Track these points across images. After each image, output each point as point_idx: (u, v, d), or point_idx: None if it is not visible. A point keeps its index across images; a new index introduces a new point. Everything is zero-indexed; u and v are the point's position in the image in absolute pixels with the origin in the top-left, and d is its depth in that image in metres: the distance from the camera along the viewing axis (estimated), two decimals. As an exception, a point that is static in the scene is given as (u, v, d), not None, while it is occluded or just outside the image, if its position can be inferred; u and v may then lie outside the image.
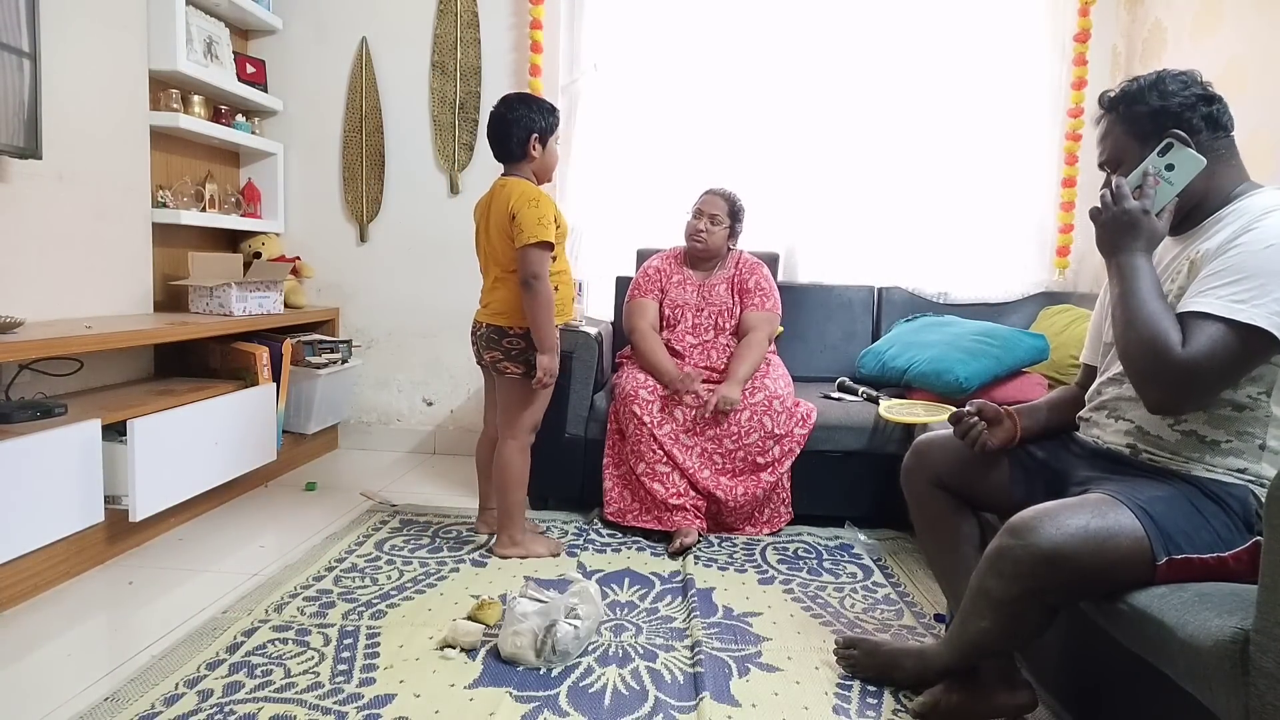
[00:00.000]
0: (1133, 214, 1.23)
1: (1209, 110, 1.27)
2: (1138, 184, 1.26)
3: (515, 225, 2.06)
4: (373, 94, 3.31)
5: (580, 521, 2.51)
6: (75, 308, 2.41)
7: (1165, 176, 1.24)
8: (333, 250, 3.39)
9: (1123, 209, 1.24)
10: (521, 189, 2.09)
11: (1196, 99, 1.27)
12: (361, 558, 2.16)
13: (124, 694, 1.46)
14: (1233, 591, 1.07)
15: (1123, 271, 1.24)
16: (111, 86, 2.52)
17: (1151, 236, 1.24)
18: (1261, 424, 1.21)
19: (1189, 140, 1.24)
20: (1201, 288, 1.18)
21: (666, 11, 3.16)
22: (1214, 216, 1.27)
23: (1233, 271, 1.16)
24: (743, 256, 2.68)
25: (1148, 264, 1.24)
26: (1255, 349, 1.14)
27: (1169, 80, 1.28)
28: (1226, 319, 1.13)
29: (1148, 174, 1.25)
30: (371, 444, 3.44)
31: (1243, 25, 2.42)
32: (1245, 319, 1.12)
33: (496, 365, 2.17)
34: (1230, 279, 1.16)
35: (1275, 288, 1.12)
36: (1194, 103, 1.26)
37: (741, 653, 1.70)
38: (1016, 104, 3.09)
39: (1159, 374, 1.17)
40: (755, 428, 2.36)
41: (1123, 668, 1.29)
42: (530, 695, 1.51)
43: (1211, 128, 1.27)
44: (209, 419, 2.41)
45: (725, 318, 2.59)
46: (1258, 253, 1.15)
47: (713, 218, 2.58)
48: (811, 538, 2.42)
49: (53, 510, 1.91)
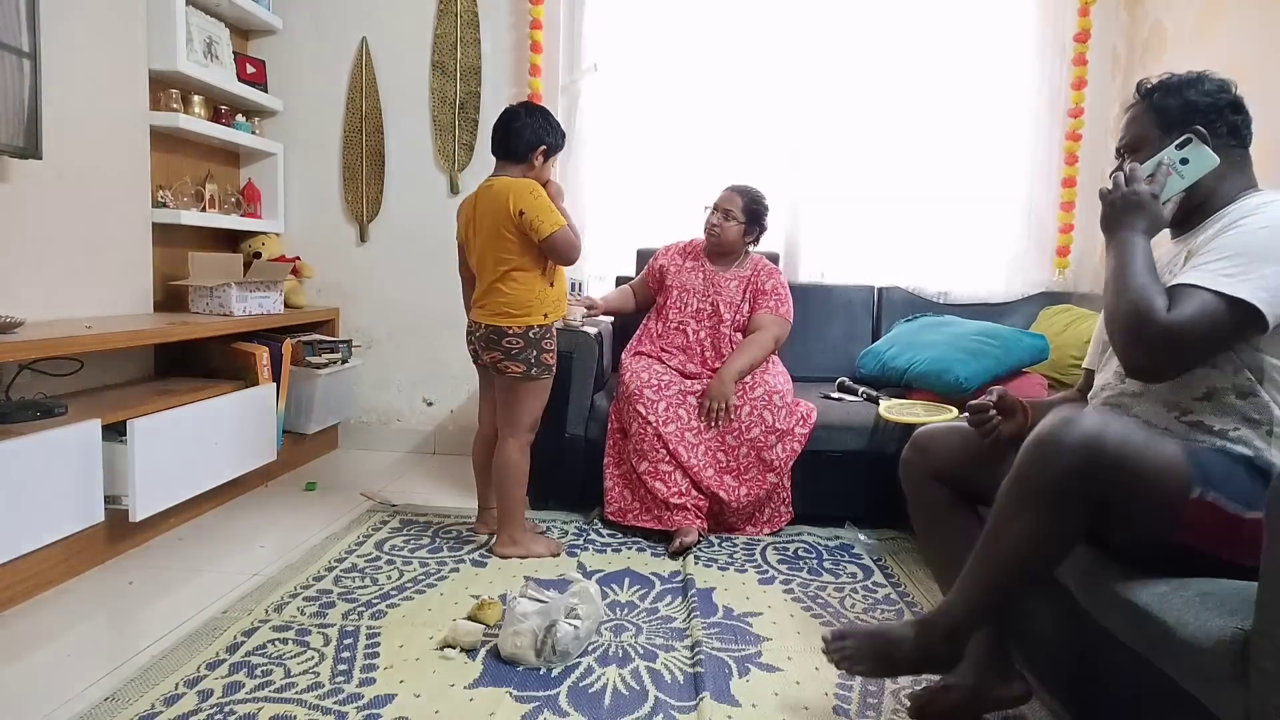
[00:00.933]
0: (1141, 196, 1.27)
1: (1235, 119, 1.31)
2: (1150, 172, 1.29)
3: (527, 222, 2.06)
4: (373, 94, 3.31)
5: (580, 521, 2.51)
6: (75, 308, 2.41)
7: (1178, 169, 1.28)
8: (333, 250, 3.39)
9: (1133, 190, 1.28)
10: (519, 185, 2.09)
11: (1227, 105, 1.31)
12: (361, 558, 2.16)
13: (124, 694, 1.46)
14: (1235, 590, 1.07)
15: (1121, 247, 1.27)
16: (111, 86, 2.52)
17: (1155, 220, 1.28)
18: (1264, 408, 1.21)
19: (1208, 139, 1.27)
20: (1194, 263, 1.22)
21: (666, 11, 3.17)
22: (1214, 216, 1.30)
23: (1226, 248, 1.20)
24: (761, 261, 2.69)
25: (1145, 243, 1.27)
26: (1239, 322, 1.16)
27: (1207, 81, 1.33)
28: (1213, 290, 1.16)
29: (1162, 164, 1.29)
30: (371, 444, 3.44)
31: (1243, 26, 2.42)
32: (1231, 291, 1.15)
33: (498, 365, 2.17)
34: (1222, 255, 1.19)
35: (1265, 266, 1.15)
36: (1223, 107, 1.30)
37: (741, 653, 1.70)
38: (1017, 104, 3.09)
39: (1142, 336, 1.19)
40: (756, 421, 2.36)
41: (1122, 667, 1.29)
42: (530, 695, 1.51)
43: (1232, 135, 1.31)
44: (209, 419, 2.41)
45: (731, 312, 2.59)
46: (1254, 232, 1.19)
47: (726, 213, 2.59)
48: (812, 537, 2.42)
49: (53, 510, 1.91)
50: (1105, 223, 1.32)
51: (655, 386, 2.42)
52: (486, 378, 2.33)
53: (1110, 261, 1.29)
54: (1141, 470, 1.14)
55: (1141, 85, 1.40)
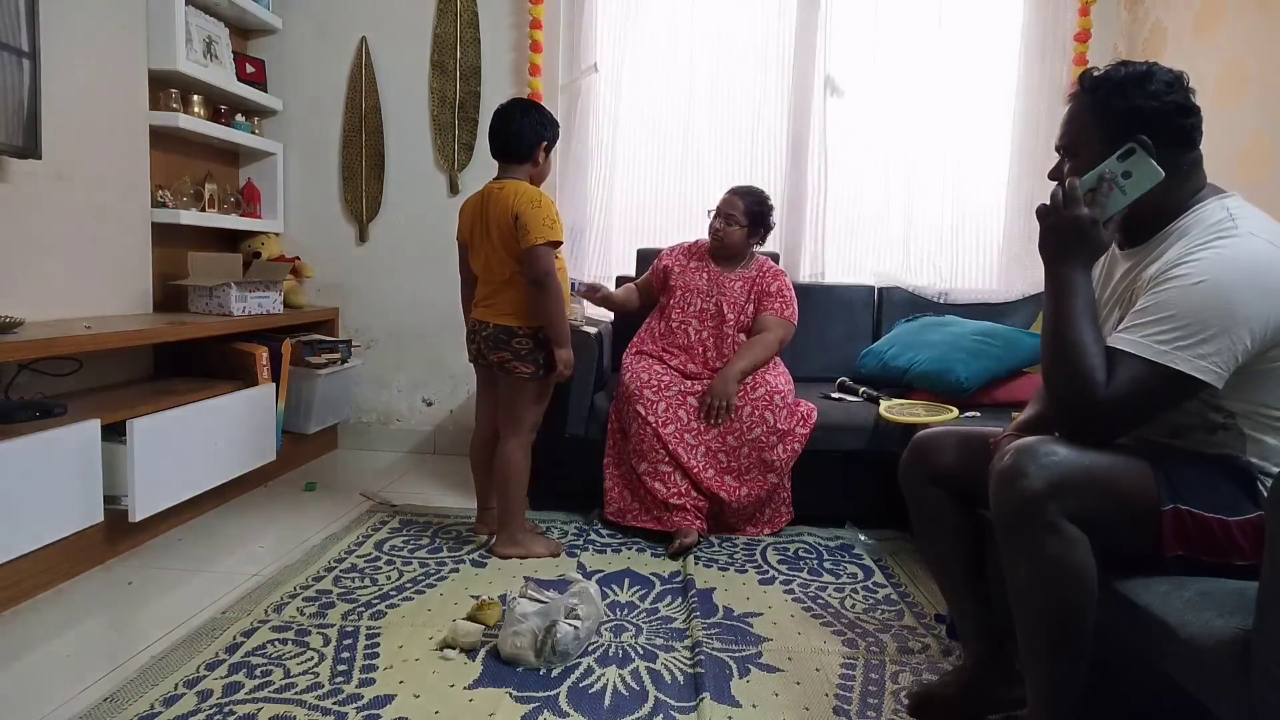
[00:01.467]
0: (1082, 223, 1.18)
1: (1183, 123, 1.21)
2: (1091, 187, 1.20)
3: (520, 226, 2.06)
4: (373, 94, 3.30)
5: (580, 521, 2.51)
6: (75, 308, 2.41)
7: (1120, 184, 1.18)
8: (332, 250, 3.39)
9: (1073, 215, 1.18)
10: (523, 191, 2.10)
11: (1174, 109, 1.20)
12: (361, 558, 2.16)
13: (123, 694, 1.46)
14: (1235, 590, 1.07)
15: (1061, 285, 1.19)
16: (111, 86, 2.52)
17: (1096, 250, 1.20)
18: (1236, 438, 1.19)
19: (1152, 149, 1.17)
20: (1132, 321, 1.16)
21: (666, 11, 3.16)
22: (1164, 231, 1.24)
23: (1164, 307, 1.12)
24: (767, 262, 2.68)
25: (1086, 280, 1.19)
26: (1183, 391, 1.12)
27: (1155, 80, 1.21)
28: (1151, 360, 1.11)
29: (1104, 178, 1.19)
30: (371, 444, 3.43)
31: (1243, 25, 2.42)
32: (1168, 364, 1.10)
33: (505, 365, 2.16)
34: (1157, 316, 1.12)
35: (1203, 331, 1.09)
36: (1170, 112, 1.20)
37: (742, 653, 1.69)
38: (1017, 104, 3.09)
39: (1079, 409, 1.15)
40: (758, 422, 2.36)
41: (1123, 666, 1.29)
42: (530, 696, 1.51)
43: (1181, 142, 1.21)
44: (208, 419, 2.40)
45: (735, 313, 2.58)
46: (1187, 289, 1.11)
47: (728, 217, 2.58)
48: (812, 538, 2.42)
49: (52, 510, 1.90)
50: (1042, 248, 1.23)
51: (655, 387, 2.42)
52: (486, 378, 2.32)
53: (1048, 299, 1.21)
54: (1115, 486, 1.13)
55: (1085, 77, 1.29)
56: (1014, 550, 1.17)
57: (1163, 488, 1.14)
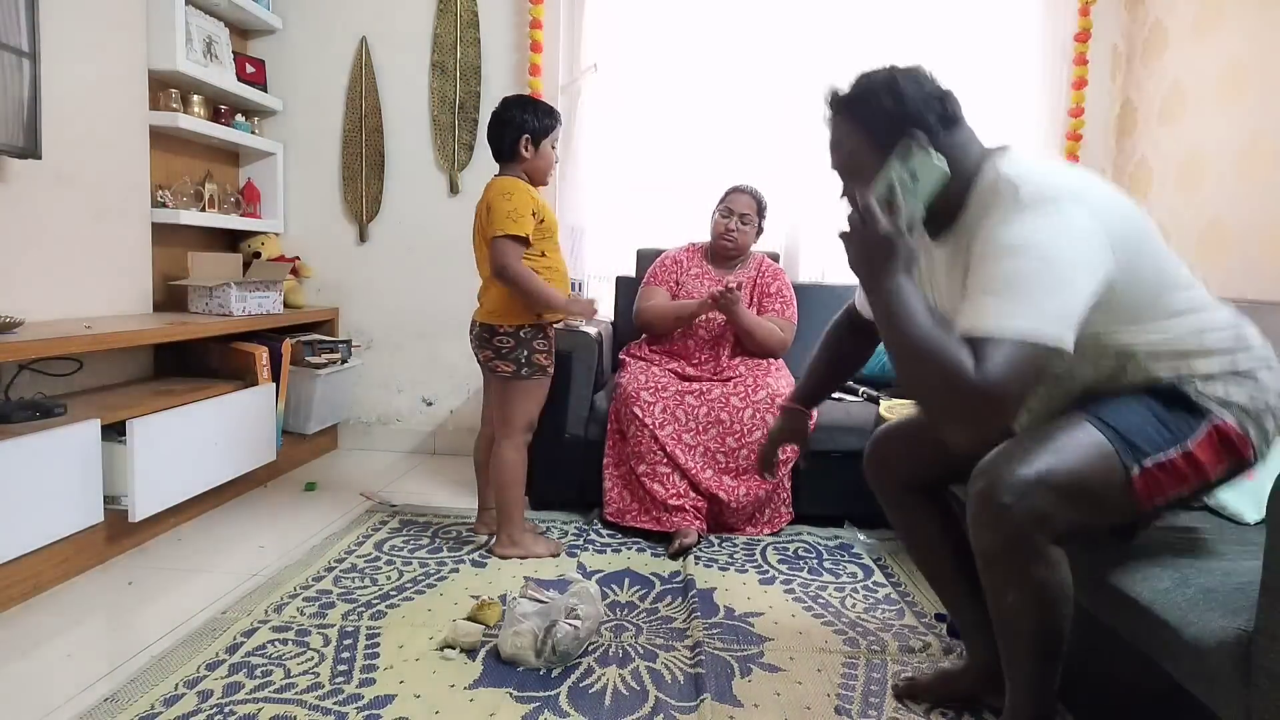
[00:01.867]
0: (888, 238, 1.13)
1: (943, 110, 1.20)
2: (885, 196, 1.17)
3: (488, 218, 2.07)
4: (372, 94, 3.30)
5: (580, 522, 2.51)
6: (75, 308, 2.40)
7: (910, 187, 1.16)
8: (332, 250, 3.38)
9: (875, 232, 1.14)
10: (499, 183, 2.11)
11: (930, 97, 1.20)
12: (361, 558, 2.15)
13: (124, 694, 1.46)
14: (1237, 590, 1.07)
15: (889, 297, 1.12)
16: (111, 86, 2.51)
17: (909, 258, 1.14)
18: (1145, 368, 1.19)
19: (927, 142, 1.17)
20: (972, 304, 1.10)
21: (666, 11, 3.16)
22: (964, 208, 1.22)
23: (994, 283, 1.09)
24: (765, 261, 2.68)
25: (911, 283, 1.13)
26: (1044, 354, 1.05)
27: (901, 80, 1.21)
28: (1005, 338, 1.04)
29: (893, 185, 1.17)
30: (371, 444, 3.43)
31: (1243, 25, 2.42)
32: (1025, 337, 1.04)
33: (489, 364, 2.17)
34: (994, 292, 1.08)
35: (1040, 291, 1.05)
36: (927, 103, 1.19)
37: (743, 653, 1.69)
38: (1016, 104, 3.09)
39: (959, 402, 1.05)
40: (759, 425, 2.36)
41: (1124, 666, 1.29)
42: (530, 696, 1.51)
43: (947, 125, 1.21)
44: (209, 419, 2.40)
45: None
46: (1002, 260, 1.09)
47: (743, 217, 2.58)
48: (812, 538, 2.42)
49: (52, 510, 1.90)
50: (858, 271, 1.18)
51: (652, 388, 2.42)
52: (488, 377, 2.32)
53: (878, 314, 1.15)
54: (1084, 486, 1.12)
55: (832, 98, 1.28)
56: (999, 580, 1.17)
57: (1121, 451, 1.12)
